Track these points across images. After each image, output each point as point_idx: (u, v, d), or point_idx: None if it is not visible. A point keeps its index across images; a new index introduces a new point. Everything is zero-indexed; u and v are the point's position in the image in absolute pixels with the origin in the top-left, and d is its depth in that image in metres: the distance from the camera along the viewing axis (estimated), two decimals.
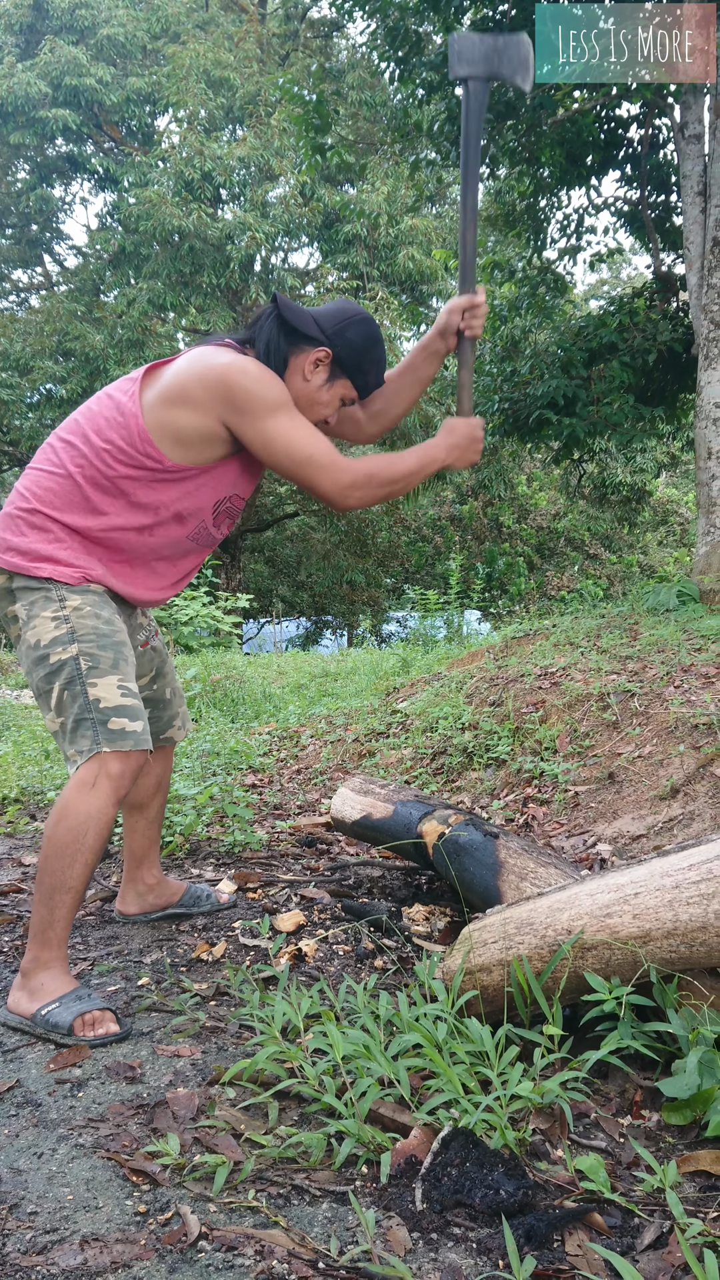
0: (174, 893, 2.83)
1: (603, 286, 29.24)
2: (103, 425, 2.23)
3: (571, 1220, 1.44)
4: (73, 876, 2.13)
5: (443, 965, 2.15)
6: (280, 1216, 1.47)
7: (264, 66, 20.19)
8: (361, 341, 2.36)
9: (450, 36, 2.56)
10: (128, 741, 2.16)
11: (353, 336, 2.34)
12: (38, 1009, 2.08)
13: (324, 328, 2.33)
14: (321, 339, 2.32)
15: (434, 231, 18.90)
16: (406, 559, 24.26)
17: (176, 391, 2.21)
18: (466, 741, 4.57)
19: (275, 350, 2.30)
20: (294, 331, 2.31)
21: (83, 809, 2.12)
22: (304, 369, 2.33)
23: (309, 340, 2.32)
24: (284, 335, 2.31)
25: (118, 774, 2.16)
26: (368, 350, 2.37)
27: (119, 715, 2.17)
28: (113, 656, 2.21)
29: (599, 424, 8.30)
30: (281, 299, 2.33)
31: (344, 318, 2.35)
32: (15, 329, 20.40)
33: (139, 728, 2.20)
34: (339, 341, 2.33)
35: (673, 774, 3.59)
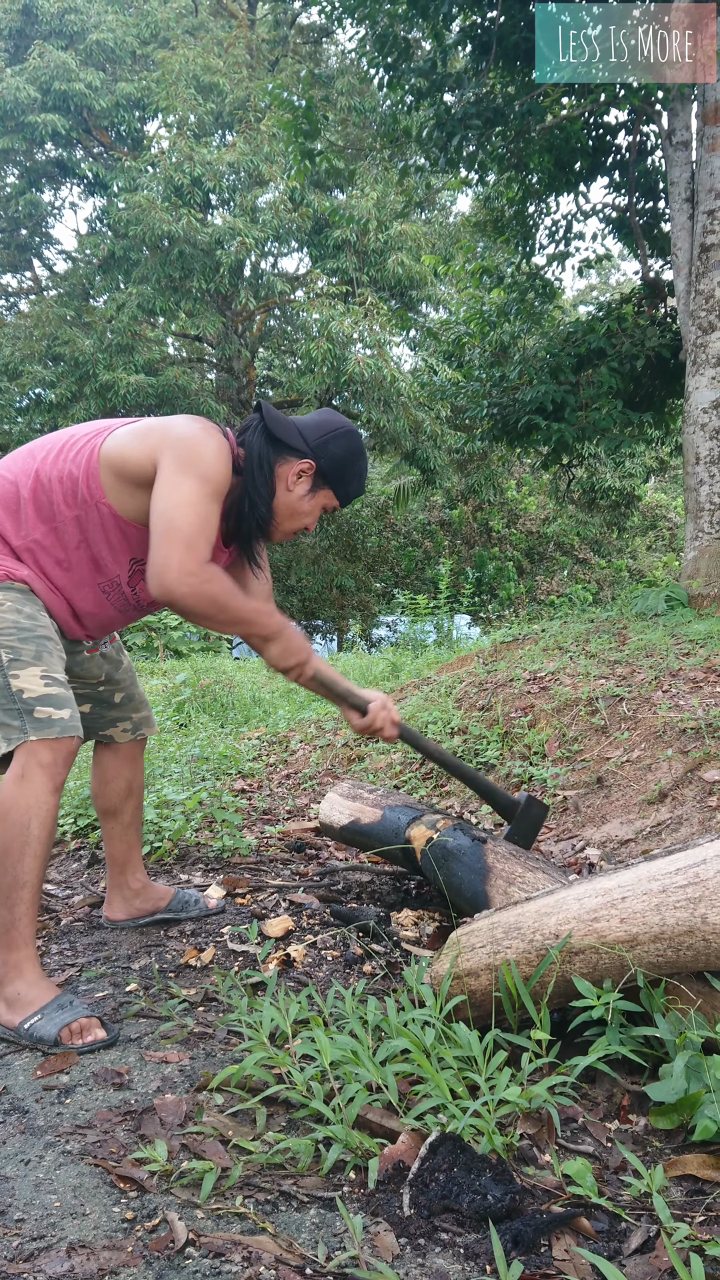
0: (161, 897, 2.82)
1: (591, 292, 29.35)
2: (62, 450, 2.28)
3: (559, 1225, 1.44)
4: (25, 871, 2.10)
5: (431, 970, 2.15)
6: (268, 1223, 1.47)
7: (253, 72, 20.22)
8: (344, 454, 2.40)
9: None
10: (54, 729, 2.14)
11: (335, 449, 2.39)
12: (20, 1022, 2.06)
13: (308, 440, 2.37)
14: (306, 451, 2.37)
15: (423, 237, 18.93)
16: (396, 563, 24.27)
17: (143, 428, 2.26)
18: (455, 746, 4.57)
19: (264, 462, 2.34)
20: (279, 442, 2.35)
21: (21, 802, 2.09)
22: (288, 479, 2.37)
23: (293, 451, 2.36)
24: (270, 445, 2.35)
25: (49, 762, 2.13)
26: (350, 463, 2.42)
27: (43, 704, 2.15)
28: (35, 649, 2.20)
29: (588, 429, 8.33)
30: (267, 410, 2.37)
31: (327, 431, 2.40)
32: (4, 333, 20.35)
33: (66, 714, 2.17)
34: (322, 454, 2.38)
35: (660, 778, 3.60)
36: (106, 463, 2.23)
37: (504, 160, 8.29)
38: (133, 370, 17.55)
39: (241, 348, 20.50)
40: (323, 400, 20.06)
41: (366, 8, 7.63)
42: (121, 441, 2.25)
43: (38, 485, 2.25)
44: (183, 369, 18.88)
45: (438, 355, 14.27)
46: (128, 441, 2.24)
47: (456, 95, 7.99)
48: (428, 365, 17.73)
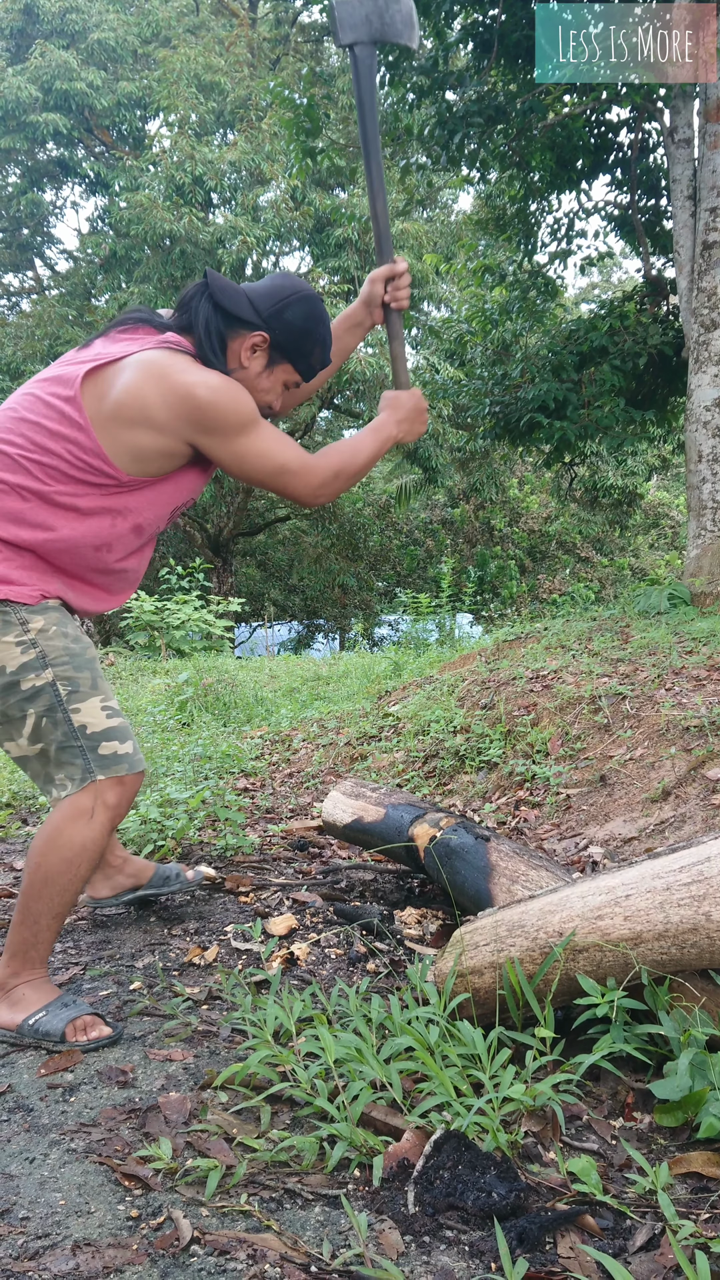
0: (142, 870, 2.75)
1: (593, 290, 29.32)
2: (43, 439, 2.05)
3: (564, 1222, 1.44)
4: (63, 904, 2.08)
5: (435, 968, 2.15)
6: (273, 1220, 1.47)
7: (255, 71, 20.22)
8: (301, 323, 2.21)
9: (330, 2, 2.48)
10: (122, 766, 2.08)
11: (291, 318, 2.19)
12: (24, 1019, 2.05)
13: (260, 309, 2.18)
14: (257, 322, 2.18)
15: (425, 235, 18.93)
16: (398, 562, 24.28)
17: (135, 411, 2.03)
18: (458, 745, 4.57)
19: (213, 329, 2.14)
20: (227, 314, 2.16)
21: (78, 840, 2.04)
22: (240, 354, 2.19)
23: (244, 324, 2.17)
24: (220, 318, 2.16)
25: (115, 803, 2.08)
26: (309, 332, 2.23)
27: (108, 739, 2.08)
28: (90, 676, 2.10)
29: (590, 427, 8.33)
30: (213, 277, 2.18)
31: (281, 297, 2.20)
32: (6, 333, 20.36)
33: (130, 749, 2.11)
34: (276, 324, 2.19)
35: (664, 776, 3.59)
36: (118, 452, 2.04)
37: (506, 158, 8.29)
38: None
39: None
40: (324, 398, 20.07)
41: None
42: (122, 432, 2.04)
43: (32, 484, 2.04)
44: None
45: (439, 354, 14.26)
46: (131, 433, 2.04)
47: (458, 93, 7.98)
48: (429, 364, 17.71)
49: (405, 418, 2.42)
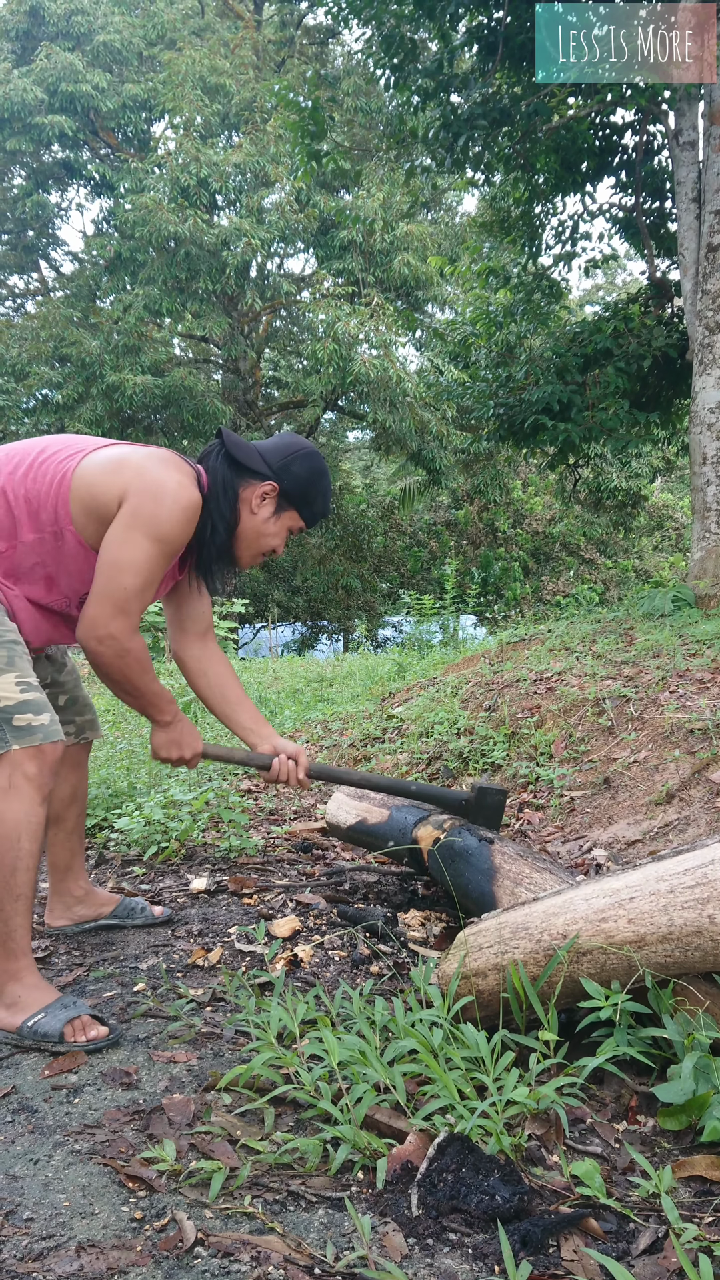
0: (104, 904, 2.78)
1: (598, 292, 29.33)
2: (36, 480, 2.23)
3: (567, 1225, 1.44)
4: (18, 884, 2.08)
5: (438, 970, 2.15)
6: (276, 1222, 1.47)
7: (260, 73, 20.24)
8: (307, 475, 2.43)
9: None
10: (36, 736, 2.11)
11: (298, 470, 2.42)
12: (22, 1021, 2.05)
13: (270, 463, 2.40)
14: (268, 474, 2.39)
15: (429, 237, 18.94)
16: (402, 564, 24.28)
17: (118, 461, 2.23)
18: (462, 747, 4.57)
19: (227, 487, 2.36)
20: (240, 466, 2.38)
21: (9, 816, 2.07)
22: (251, 502, 2.39)
23: (255, 474, 2.39)
24: (233, 470, 2.38)
25: (35, 772, 2.11)
26: (313, 483, 2.45)
27: (22, 711, 2.12)
28: (6, 654, 2.16)
29: (594, 429, 8.32)
30: (228, 435, 2.40)
31: (289, 452, 2.42)
32: (11, 335, 20.39)
33: (46, 720, 2.15)
34: (285, 476, 2.40)
35: (668, 779, 3.59)
36: (78, 492, 2.20)
37: (510, 160, 8.29)
38: (139, 371, 17.57)
39: (248, 348, 20.52)
40: (329, 400, 20.08)
41: (373, 8, 7.63)
42: (93, 474, 2.21)
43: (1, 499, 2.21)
44: (189, 370, 18.92)
45: (444, 355, 14.27)
46: (99, 475, 2.21)
47: (463, 96, 7.99)
48: (434, 366, 17.73)
49: (173, 739, 2.53)
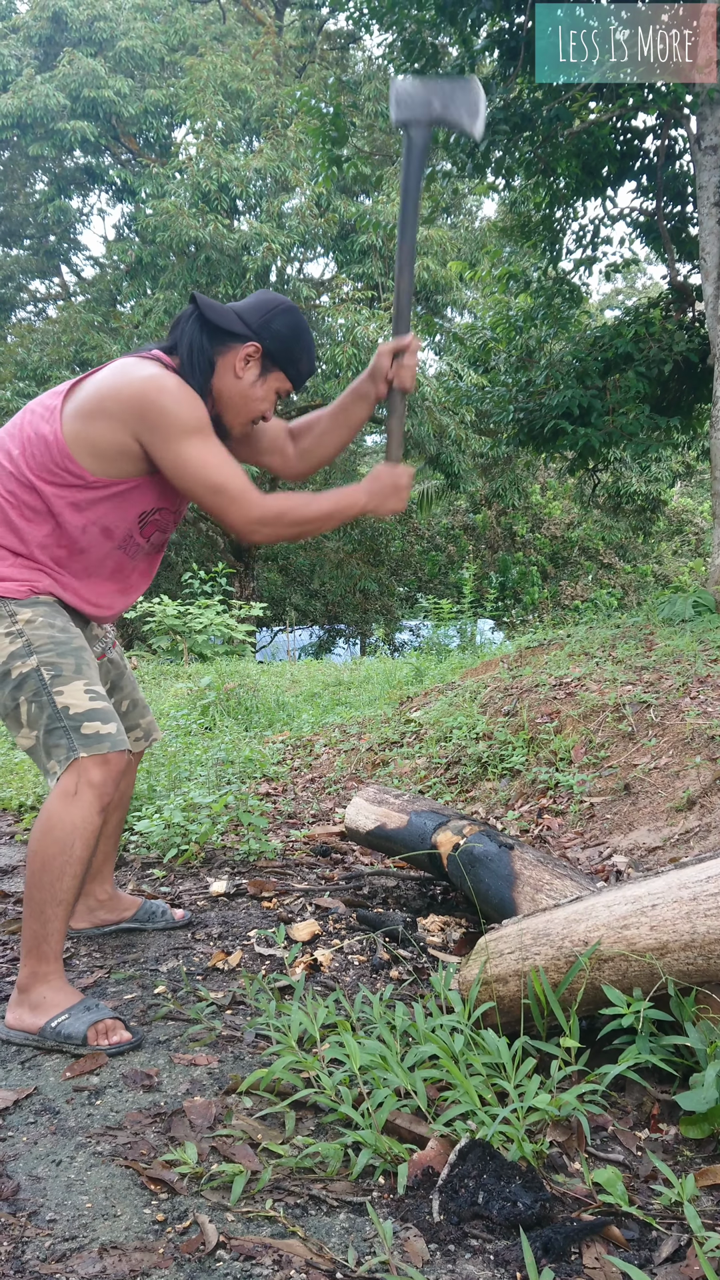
0: (126, 908, 2.79)
1: (618, 296, 29.24)
2: (26, 445, 2.20)
3: (589, 1233, 1.44)
4: (63, 889, 2.10)
5: (459, 976, 2.15)
6: (298, 1226, 1.47)
7: (281, 78, 20.30)
8: (289, 331, 2.32)
9: (391, 81, 2.47)
10: (104, 744, 2.12)
11: (279, 327, 2.30)
12: (46, 1022, 2.06)
13: (249, 322, 2.28)
14: (248, 333, 2.28)
15: (449, 242, 18.96)
16: (420, 568, 24.28)
17: (94, 404, 2.17)
18: (481, 752, 4.57)
19: (200, 352, 2.25)
20: (218, 330, 2.26)
21: (67, 820, 2.08)
22: (234, 366, 2.28)
23: (235, 337, 2.27)
24: (208, 336, 2.26)
25: (99, 780, 2.11)
26: (296, 339, 2.33)
27: (90, 719, 2.13)
28: (74, 662, 2.17)
29: (614, 434, 8.30)
30: (201, 298, 2.28)
31: (268, 309, 2.31)
32: (33, 339, 20.53)
33: (113, 729, 2.16)
34: (266, 334, 2.29)
35: (689, 786, 3.58)
36: (79, 448, 2.16)
37: (531, 165, 8.29)
38: None
39: None
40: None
41: (394, 14, 7.64)
42: (81, 426, 2.16)
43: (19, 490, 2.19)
44: None
45: (463, 360, 14.28)
46: (88, 425, 2.16)
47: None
48: (453, 370, 17.73)
49: (380, 490, 2.39)
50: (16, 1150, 1.67)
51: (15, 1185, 1.56)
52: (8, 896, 3.18)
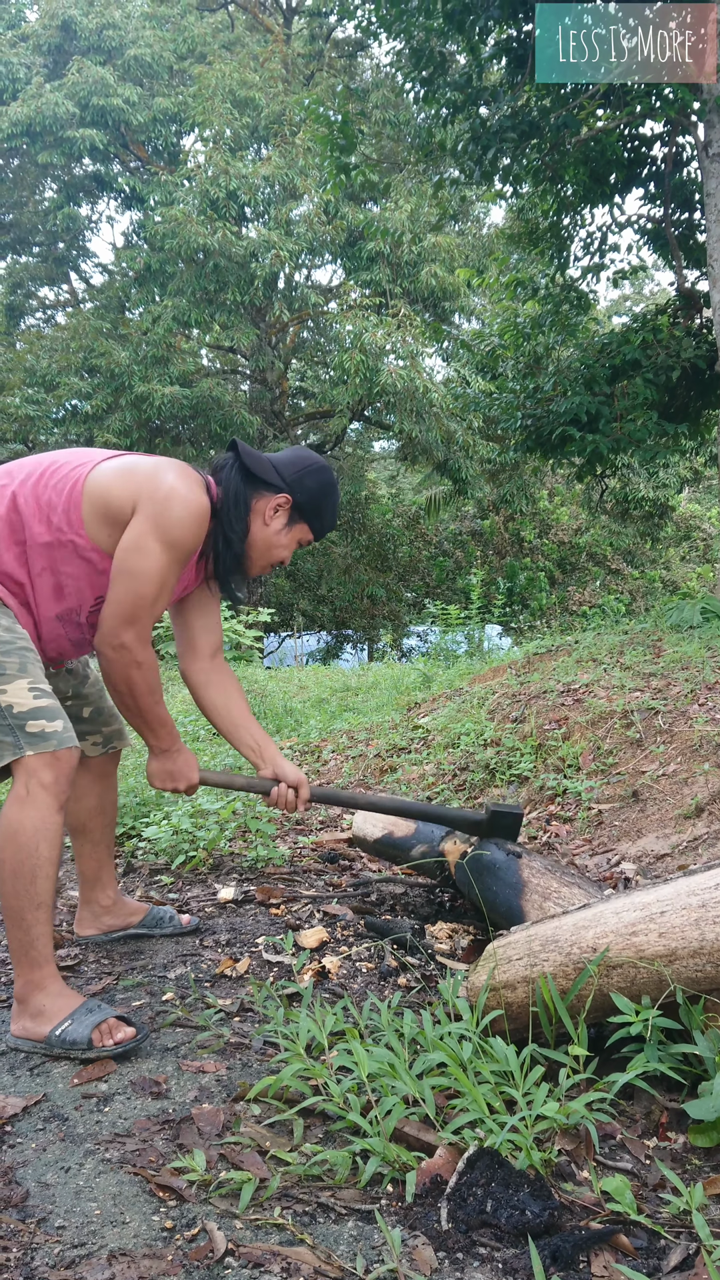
0: (133, 913, 2.80)
1: (625, 303, 29.25)
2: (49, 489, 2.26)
3: (597, 1241, 1.44)
4: (37, 892, 2.08)
5: (467, 983, 2.15)
6: (306, 1234, 1.47)
7: (289, 86, 20.37)
8: (319, 489, 2.48)
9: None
10: (50, 742, 2.10)
11: (310, 484, 2.46)
12: (50, 1030, 2.06)
13: (284, 475, 2.44)
14: (282, 485, 2.44)
15: (457, 249, 18.97)
16: (427, 573, 24.27)
17: (128, 464, 2.29)
18: (489, 758, 4.57)
19: (240, 498, 2.40)
20: (255, 478, 2.42)
21: (27, 824, 2.06)
22: (265, 513, 2.44)
23: (270, 486, 2.43)
24: (246, 481, 2.42)
25: (51, 780, 2.10)
26: (325, 496, 2.50)
27: (35, 717, 2.11)
28: (18, 661, 2.16)
29: (622, 440, 8.30)
30: (242, 447, 2.44)
31: (302, 466, 2.47)
32: (42, 346, 20.60)
33: (59, 726, 2.14)
34: (299, 489, 2.45)
35: (697, 792, 3.57)
36: (90, 497, 2.23)
37: (539, 173, 8.30)
38: (167, 382, 17.70)
39: (275, 359, 20.62)
40: (355, 411, 20.12)
41: (402, 22, 7.67)
42: (106, 479, 2.25)
43: (12, 508, 2.23)
44: (217, 380, 19.03)
45: (471, 366, 14.28)
46: (112, 480, 2.25)
47: (492, 108, 8.01)
48: (460, 376, 17.73)
49: (169, 770, 2.53)
50: (25, 1157, 1.68)
51: (24, 1192, 1.57)
52: None
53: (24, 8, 21.92)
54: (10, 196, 21.72)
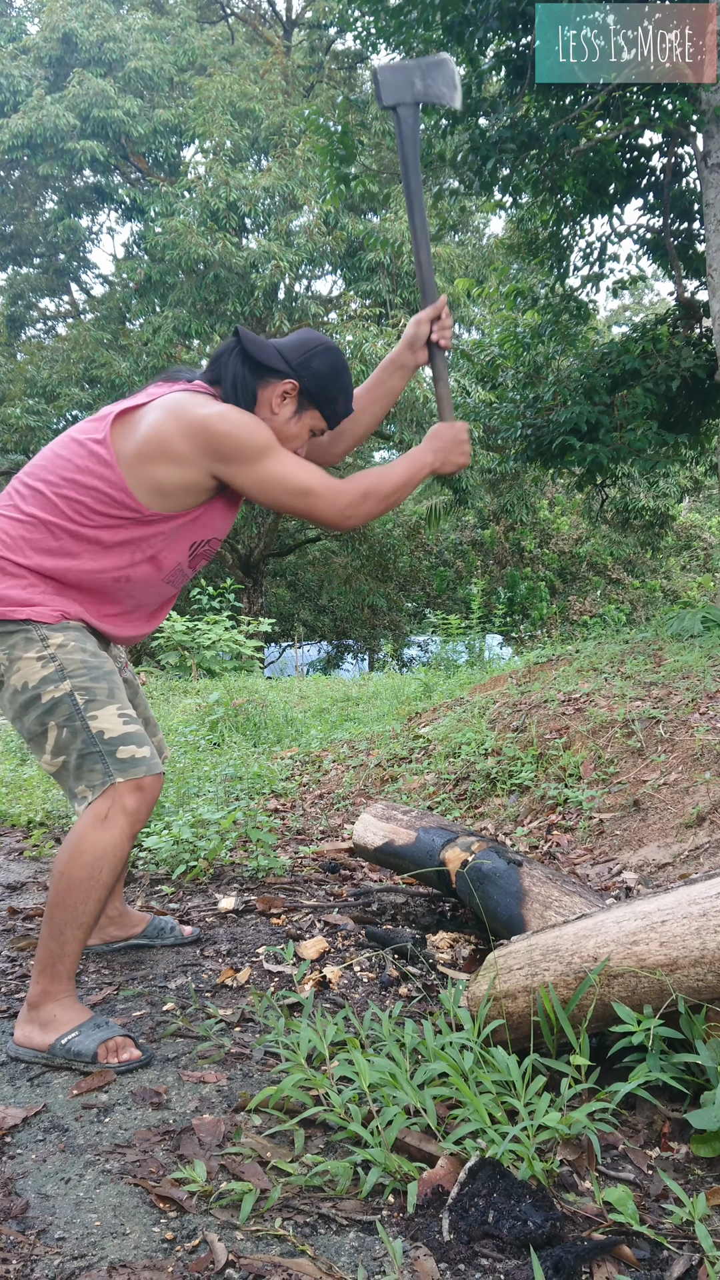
0: (135, 924, 2.79)
1: (625, 313, 29.32)
2: (74, 474, 2.18)
3: (600, 1252, 1.43)
4: (85, 913, 2.10)
5: (468, 993, 2.14)
6: (307, 1245, 1.46)
7: (289, 98, 20.46)
8: (328, 371, 2.34)
9: (372, 68, 2.61)
10: (140, 768, 2.12)
11: (319, 366, 2.33)
12: (56, 1039, 2.06)
13: (289, 359, 2.32)
14: (287, 371, 2.31)
15: (456, 259, 19.05)
16: (428, 583, 24.29)
17: (158, 446, 2.16)
18: (489, 767, 4.56)
19: (242, 386, 2.27)
20: (259, 365, 2.29)
21: (98, 844, 2.07)
22: (271, 402, 2.32)
23: (274, 373, 2.31)
24: (250, 370, 2.29)
25: (134, 807, 2.11)
26: (334, 379, 2.36)
27: (125, 743, 2.13)
28: (107, 687, 2.17)
29: (622, 450, 8.32)
30: (244, 333, 2.30)
31: (308, 348, 2.34)
32: (43, 357, 20.66)
33: (147, 752, 2.16)
34: (305, 372, 2.32)
35: (698, 801, 3.57)
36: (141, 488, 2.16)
37: (538, 183, 8.33)
38: None
39: None
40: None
41: (401, 34, 7.71)
42: (145, 469, 2.16)
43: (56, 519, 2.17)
44: None
45: (471, 376, 14.31)
46: (153, 468, 2.16)
47: (491, 119, 8.05)
48: (461, 386, 17.77)
49: (443, 447, 2.45)
50: (25, 1168, 1.67)
51: (24, 1203, 1.56)
52: (17, 913, 3.19)
53: (25, 20, 22.05)
54: (11, 208, 21.81)
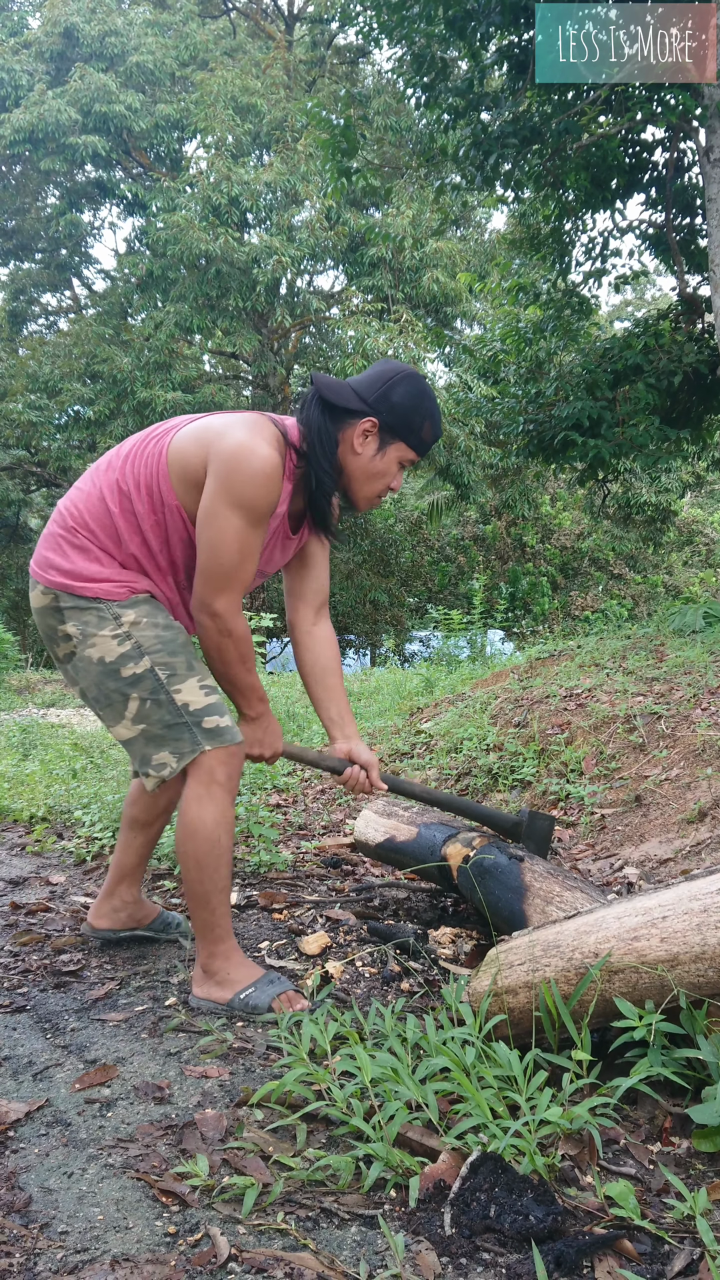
0: (146, 914, 2.80)
1: (627, 308, 29.28)
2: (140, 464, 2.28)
3: (601, 1247, 1.43)
4: (221, 878, 2.25)
5: (470, 988, 2.15)
6: (309, 1239, 1.47)
7: (291, 92, 20.42)
8: (407, 401, 2.31)
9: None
10: (225, 737, 2.22)
11: (397, 398, 2.30)
12: (234, 994, 2.24)
13: (366, 397, 2.31)
14: (364, 409, 2.30)
15: (458, 254, 19.01)
16: (430, 578, 24.28)
17: (202, 426, 2.27)
18: (491, 763, 4.56)
19: (323, 433, 2.29)
20: (336, 408, 2.30)
21: (209, 818, 2.20)
22: (354, 442, 2.32)
23: (352, 414, 2.30)
24: (328, 417, 2.30)
25: (224, 777, 2.22)
26: (415, 409, 2.32)
27: (209, 714, 2.22)
28: (185, 659, 2.26)
29: (624, 445, 8.30)
30: (318, 378, 2.32)
31: (385, 380, 2.32)
32: (44, 352, 20.65)
33: (229, 721, 2.25)
34: (383, 407, 2.30)
35: (700, 797, 3.57)
36: (173, 465, 2.24)
37: (540, 178, 8.31)
38: (170, 388, 17.75)
39: (277, 365, 20.64)
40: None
41: (404, 28, 7.69)
42: (183, 444, 2.25)
43: (122, 497, 2.26)
44: (219, 386, 19.08)
45: (472, 371, 14.28)
46: (188, 445, 2.24)
47: (493, 114, 8.02)
48: (462, 381, 17.76)
49: (259, 738, 2.47)
50: (28, 1162, 1.68)
51: (27, 1197, 1.57)
52: (20, 908, 3.19)
53: (26, 15, 22.01)
54: (13, 203, 21.79)
